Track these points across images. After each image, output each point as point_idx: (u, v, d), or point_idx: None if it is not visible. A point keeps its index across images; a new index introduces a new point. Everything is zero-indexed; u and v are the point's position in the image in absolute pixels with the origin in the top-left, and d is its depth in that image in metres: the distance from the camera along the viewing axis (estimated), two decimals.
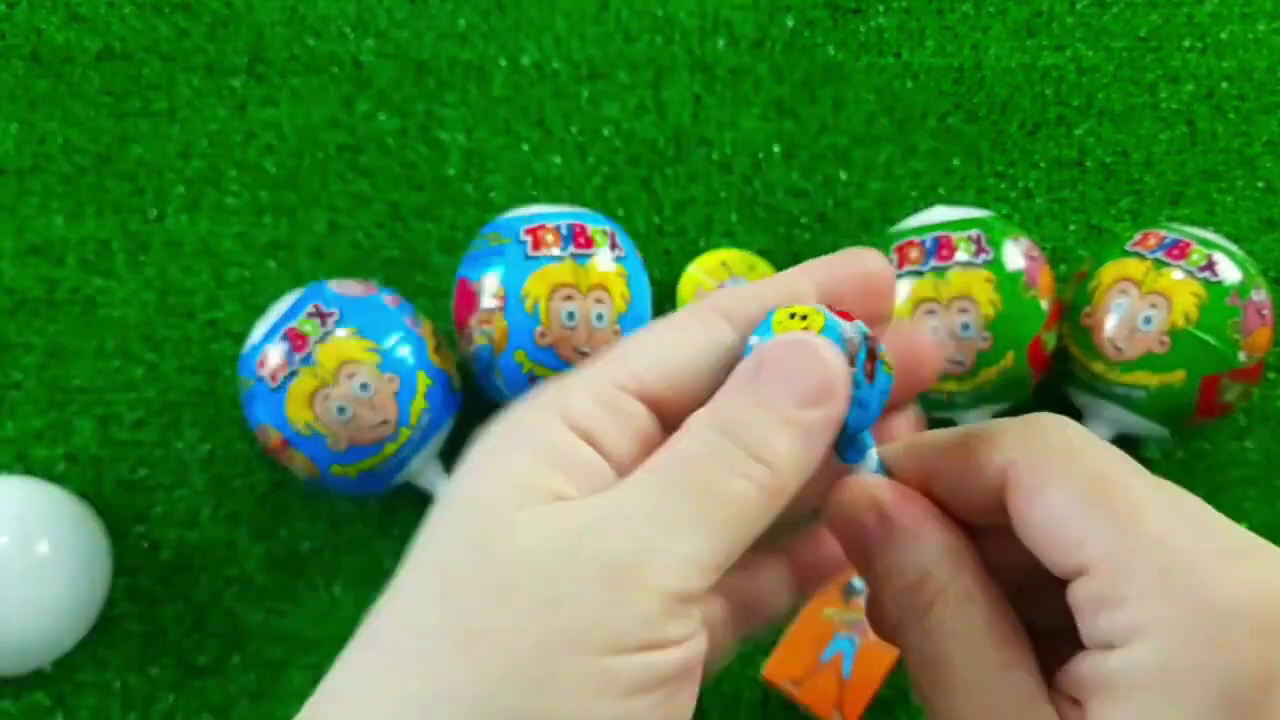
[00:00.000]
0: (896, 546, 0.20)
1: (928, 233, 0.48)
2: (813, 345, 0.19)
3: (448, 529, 0.19)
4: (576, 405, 0.19)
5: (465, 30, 0.60)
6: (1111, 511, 0.18)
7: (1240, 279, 0.46)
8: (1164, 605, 0.17)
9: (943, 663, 0.19)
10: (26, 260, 0.55)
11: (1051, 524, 0.18)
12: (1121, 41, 0.61)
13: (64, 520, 0.48)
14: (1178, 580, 0.17)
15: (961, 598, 0.19)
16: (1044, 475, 0.19)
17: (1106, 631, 0.17)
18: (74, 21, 0.59)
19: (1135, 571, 0.17)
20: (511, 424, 0.20)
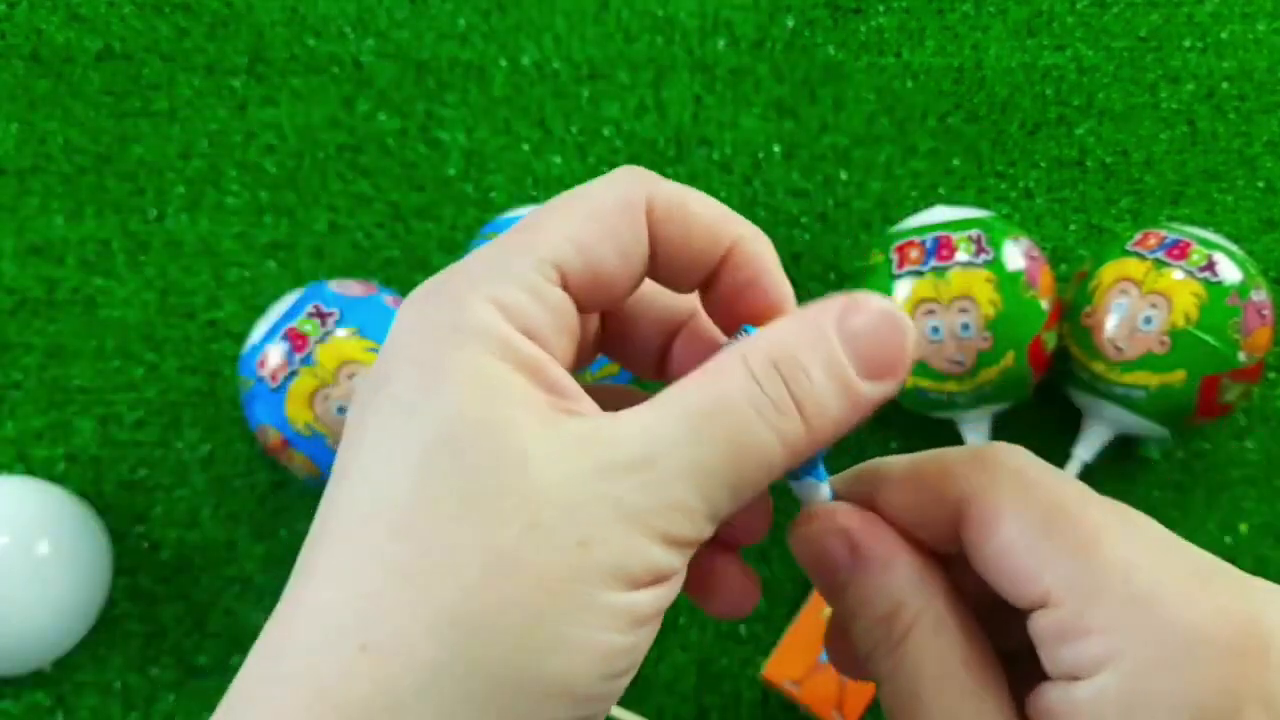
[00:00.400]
0: (868, 576, 0.20)
1: (928, 233, 0.48)
2: (904, 323, 0.19)
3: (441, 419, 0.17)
4: (511, 299, 0.18)
5: (465, 30, 0.60)
6: (1069, 541, 0.18)
7: (1240, 279, 0.46)
8: (1128, 634, 0.17)
9: (916, 694, 0.19)
10: (27, 260, 0.55)
11: (1009, 556, 0.18)
12: (1122, 41, 0.61)
13: (64, 520, 0.48)
14: (1140, 608, 0.17)
15: (935, 627, 0.19)
16: (998, 508, 0.19)
17: (1070, 662, 0.17)
18: (74, 21, 0.59)
19: (1097, 601, 0.17)
20: (447, 314, 0.18)
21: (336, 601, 0.17)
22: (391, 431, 0.18)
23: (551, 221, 0.19)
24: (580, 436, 0.18)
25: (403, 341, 0.19)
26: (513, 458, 0.17)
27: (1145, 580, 0.17)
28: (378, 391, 0.18)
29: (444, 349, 0.18)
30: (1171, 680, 0.16)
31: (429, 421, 0.17)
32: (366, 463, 0.18)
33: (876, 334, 0.18)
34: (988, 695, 0.18)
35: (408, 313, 0.19)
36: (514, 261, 0.19)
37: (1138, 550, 0.18)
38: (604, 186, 0.20)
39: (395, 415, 0.18)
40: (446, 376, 0.18)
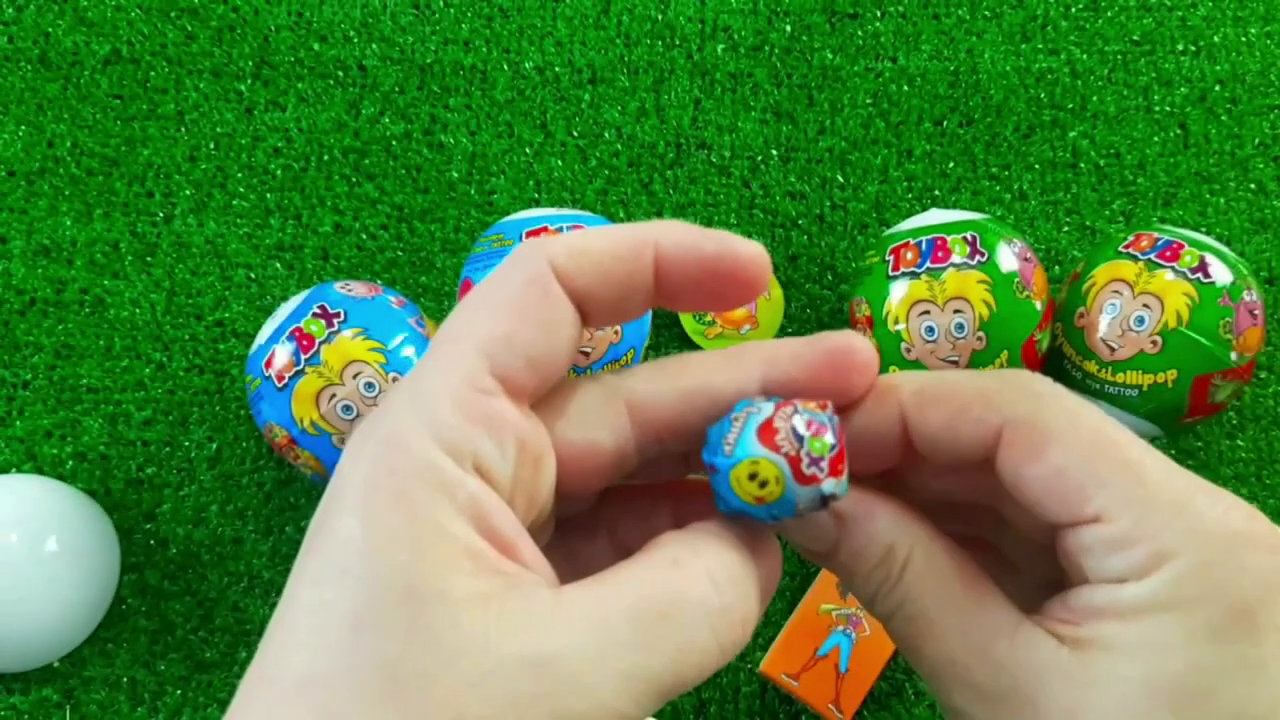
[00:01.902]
0: (855, 532, 0.21)
1: (923, 235, 0.48)
2: None
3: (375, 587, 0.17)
4: (452, 429, 0.18)
5: (469, 35, 0.61)
6: (1117, 462, 0.19)
7: (1232, 280, 0.47)
8: (1179, 540, 0.18)
9: (924, 616, 0.20)
10: (36, 261, 0.56)
11: (1060, 477, 0.19)
12: (1115, 45, 0.61)
13: (73, 518, 0.48)
14: (1188, 518, 0.18)
15: (927, 555, 0.20)
16: (1046, 434, 0.19)
17: (1121, 567, 0.19)
18: (82, 25, 0.60)
19: (1149, 514, 0.18)
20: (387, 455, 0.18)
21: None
22: (324, 595, 0.17)
23: (469, 324, 0.19)
24: (515, 623, 0.17)
25: (344, 484, 0.18)
26: (444, 643, 0.16)
27: (1187, 495, 0.19)
28: (317, 535, 0.18)
29: (381, 498, 0.17)
30: (1220, 574, 0.18)
31: (363, 588, 0.17)
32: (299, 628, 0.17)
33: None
34: (989, 601, 0.20)
35: (349, 453, 0.18)
36: (442, 379, 0.18)
37: (1173, 472, 0.19)
38: (506, 270, 0.19)
39: (331, 573, 0.17)
40: (382, 532, 0.17)
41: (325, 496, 0.18)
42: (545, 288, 0.19)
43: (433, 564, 0.17)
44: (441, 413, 0.18)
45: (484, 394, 0.18)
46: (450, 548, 0.17)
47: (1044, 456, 0.19)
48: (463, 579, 0.17)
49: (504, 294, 0.19)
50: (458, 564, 0.17)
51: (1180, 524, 0.18)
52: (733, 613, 0.18)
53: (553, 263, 0.19)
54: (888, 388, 0.21)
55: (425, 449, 0.17)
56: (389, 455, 0.17)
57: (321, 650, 0.16)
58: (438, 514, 0.17)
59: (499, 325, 0.19)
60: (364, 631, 0.16)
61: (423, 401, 0.18)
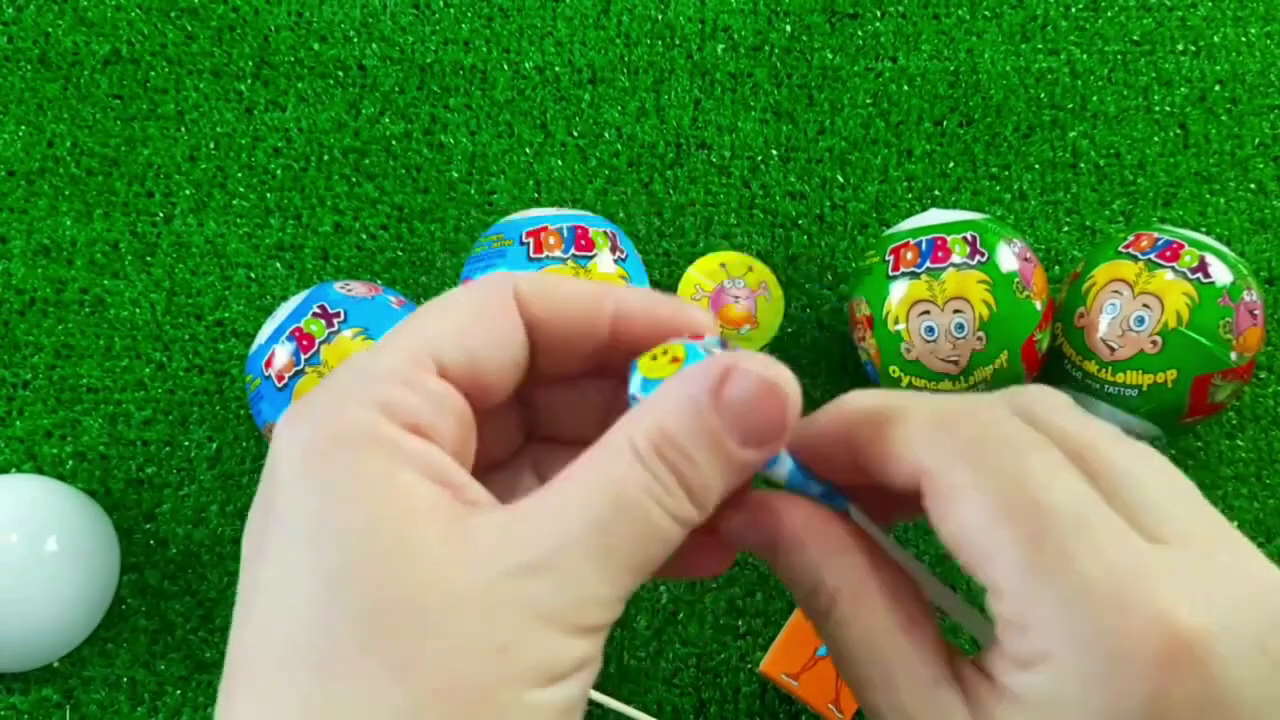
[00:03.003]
0: (786, 560, 0.21)
1: (923, 235, 0.48)
2: (783, 389, 0.19)
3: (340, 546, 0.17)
4: (387, 395, 0.18)
5: (469, 35, 0.61)
6: (1021, 530, 0.18)
7: (1232, 280, 0.47)
8: (1060, 639, 0.17)
9: (850, 657, 0.20)
10: (36, 261, 0.56)
11: (963, 540, 0.18)
12: (1115, 45, 0.61)
13: (73, 518, 0.48)
14: (1074, 613, 0.17)
15: (853, 597, 0.20)
16: (954, 488, 0.19)
17: (1014, 651, 0.18)
18: (82, 25, 0.60)
19: (1036, 600, 0.17)
20: (325, 424, 0.18)
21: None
22: (291, 563, 0.17)
23: (422, 321, 0.20)
24: (484, 537, 0.17)
25: (284, 460, 0.18)
26: (416, 572, 0.17)
27: (1088, 576, 0.17)
28: (268, 517, 0.18)
29: (327, 462, 0.18)
30: (1099, 691, 0.17)
31: (327, 549, 0.17)
32: (272, 600, 0.17)
33: (755, 403, 0.19)
34: (912, 654, 0.19)
35: (284, 431, 0.18)
36: (386, 359, 0.19)
37: (1090, 535, 0.17)
38: (471, 288, 0.20)
39: (291, 545, 0.17)
40: (334, 493, 0.17)
41: (267, 473, 0.18)
42: (503, 303, 0.20)
43: (391, 511, 0.17)
44: (381, 383, 0.18)
45: (422, 370, 0.19)
46: (404, 494, 0.17)
47: (953, 513, 0.19)
48: (422, 519, 0.17)
49: (462, 300, 0.20)
50: (414, 507, 0.17)
51: (1064, 618, 0.17)
52: (675, 489, 0.18)
53: (516, 287, 0.20)
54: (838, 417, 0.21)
55: (365, 413, 0.18)
56: (330, 422, 0.18)
57: (296, 621, 0.17)
58: (386, 467, 0.18)
59: (449, 323, 0.20)
60: (341, 588, 0.17)
61: (362, 374, 0.19)
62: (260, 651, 0.17)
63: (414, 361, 0.19)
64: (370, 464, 0.18)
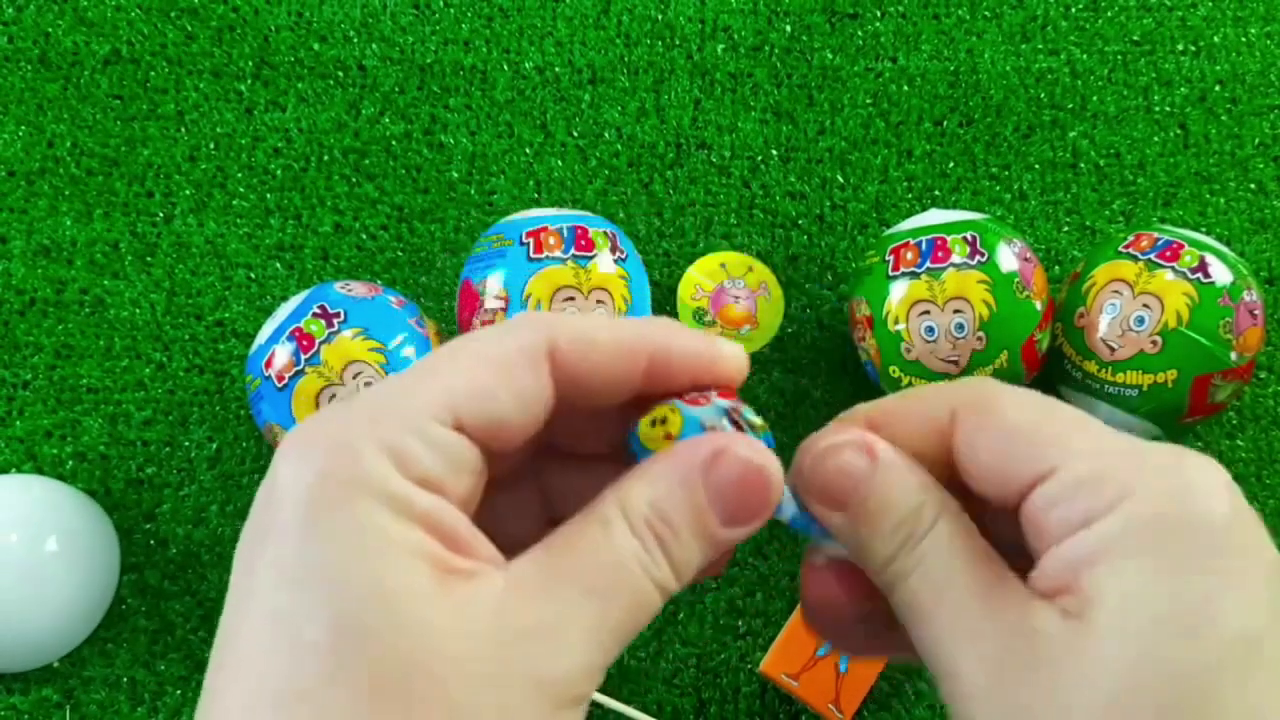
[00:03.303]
0: (890, 478, 0.21)
1: (923, 235, 0.48)
2: (769, 475, 0.20)
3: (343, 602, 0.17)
4: (403, 445, 0.18)
5: (469, 35, 0.61)
6: (1065, 422, 0.20)
7: (1232, 280, 0.47)
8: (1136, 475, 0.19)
9: (943, 579, 0.20)
10: (36, 261, 0.56)
11: (1011, 440, 0.20)
12: (1115, 45, 0.61)
13: (73, 518, 0.48)
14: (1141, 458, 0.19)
15: (957, 518, 0.21)
16: (994, 404, 0.21)
17: (1085, 510, 0.19)
18: (82, 25, 0.60)
19: (1102, 458, 0.19)
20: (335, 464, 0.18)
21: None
22: (289, 609, 0.17)
23: (448, 366, 0.19)
24: (487, 604, 0.18)
25: (289, 495, 0.18)
26: (422, 637, 0.17)
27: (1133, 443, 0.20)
28: (264, 550, 0.18)
29: (335, 511, 0.17)
30: (1182, 502, 0.18)
31: (322, 600, 0.17)
32: (270, 635, 0.17)
33: (741, 486, 0.20)
34: (1004, 573, 0.20)
35: (291, 460, 0.18)
36: (405, 406, 0.18)
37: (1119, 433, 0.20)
38: (503, 333, 0.20)
39: (291, 589, 0.17)
40: (340, 546, 0.17)
41: (267, 496, 0.18)
42: (534, 362, 0.20)
43: (395, 572, 0.17)
44: (397, 430, 0.18)
45: (439, 423, 0.19)
46: (410, 555, 0.17)
47: (995, 422, 0.20)
48: (426, 583, 0.17)
49: (493, 350, 0.20)
50: (415, 566, 0.17)
51: (1133, 462, 0.19)
52: (661, 562, 0.19)
53: (555, 343, 0.20)
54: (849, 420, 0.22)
55: (378, 461, 0.18)
56: (342, 465, 0.18)
57: (299, 667, 0.17)
58: (394, 525, 0.17)
59: (476, 378, 0.19)
60: (342, 645, 0.16)
61: (379, 415, 0.18)
62: (257, 687, 0.17)
63: (432, 412, 0.19)
64: (379, 520, 0.17)
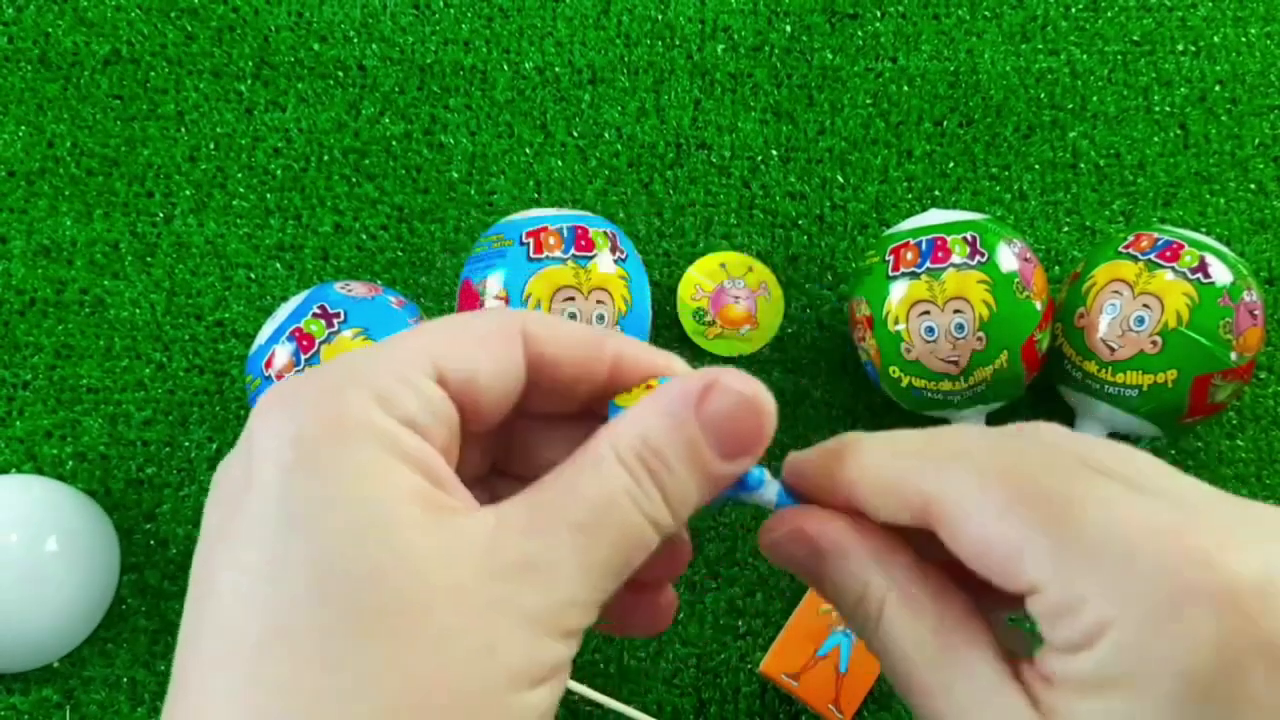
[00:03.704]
0: (831, 568, 0.21)
1: (923, 235, 0.48)
2: (761, 404, 0.19)
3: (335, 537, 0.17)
4: (389, 390, 0.18)
5: (469, 35, 0.61)
6: (1040, 517, 0.18)
7: (1232, 280, 0.47)
8: (1118, 601, 0.17)
9: (903, 663, 0.20)
10: (36, 261, 0.56)
11: (985, 553, 0.18)
12: (1115, 45, 0.61)
13: (73, 518, 0.48)
14: (1127, 574, 0.17)
15: (901, 600, 0.20)
16: (961, 506, 0.19)
17: (1068, 637, 0.17)
18: (82, 25, 0.60)
19: (1081, 574, 0.17)
20: (323, 408, 0.18)
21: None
22: (278, 550, 0.17)
23: (430, 329, 0.20)
24: (473, 537, 0.18)
25: (273, 440, 0.18)
26: (409, 565, 0.17)
27: (1125, 539, 0.17)
28: (245, 495, 0.17)
29: (324, 449, 0.17)
30: (1169, 644, 0.16)
31: (322, 539, 0.17)
32: (252, 584, 0.17)
33: (735, 418, 0.19)
34: (969, 657, 0.19)
35: (273, 410, 0.18)
36: (389, 357, 0.19)
37: (1113, 506, 0.17)
38: (479, 313, 0.21)
39: (280, 530, 0.17)
40: (330, 483, 0.17)
41: (246, 447, 0.18)
42: (509, 333, 0.20)
43: (385, 507, 0.17)
44: (380, 376, 0.18)
45: (422, 373, 0.19)
46: (398, 490, 0.17)
47: (964, 533, 0.19)
48: (416, 517, 0.17)
49: (471, 321, 0.20)
50: (408, 505, 0.17)
51: (1116, 584, 0.17)
52: (654, 495, 0.19)
53: (525, 325, 0.20)
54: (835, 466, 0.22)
55: (364, 403, 0.18)
56: (327, 407, 0.18)
57: (290, 603, 0.16)
58: (382, 461, 0.18)
59: (454, 337, 0.20)
60: (334, 580, 0.16)
61: (360, 366, 0.19)
62: (237, 633, 0.17)
63: (415, 363, 0.19)
64: (367, 456, 0.17)
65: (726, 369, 0.20)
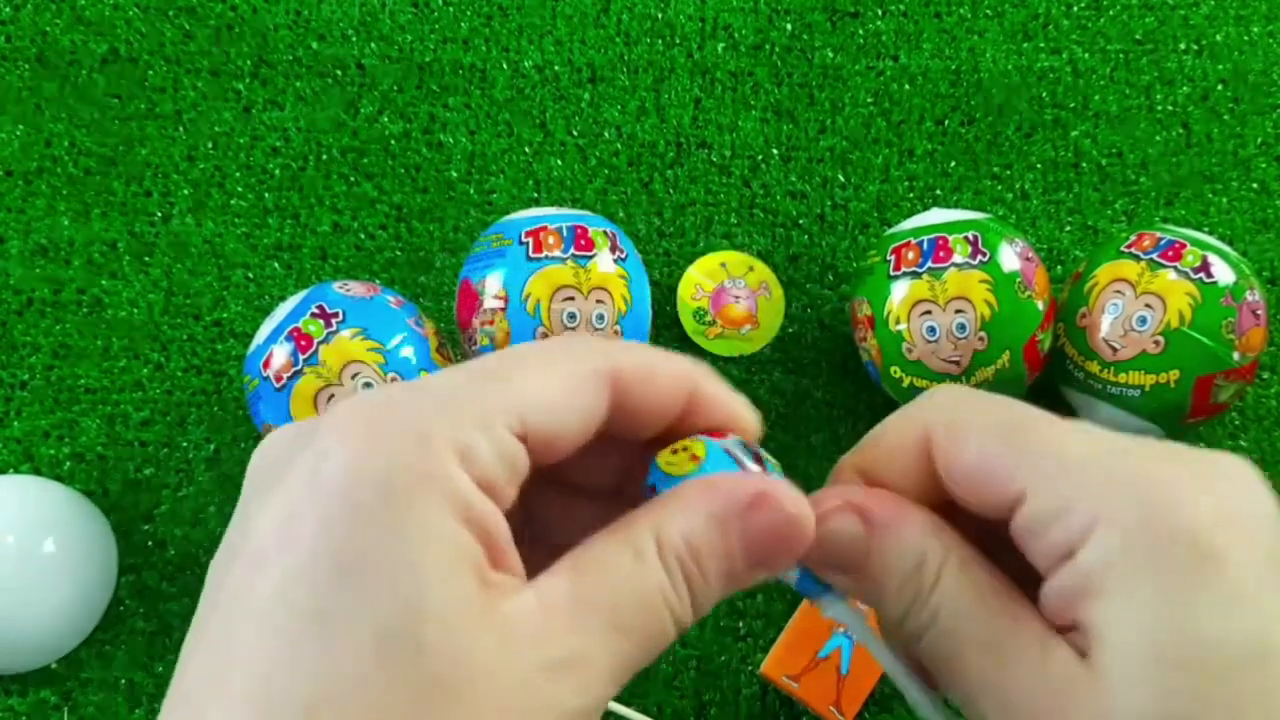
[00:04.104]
0: (887, 539, 0.21)
1: (924, 234, 0.48)
2: (806, 528, 0.20)
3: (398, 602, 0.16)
4: (476, 448, 0.18)
5: (468, 34, 0.61)
6: (1032, 440, 0.20)
7: (1234, 280, 0.47)
8: (1103, 499, 0.18)
9: (958, 634, 0.20)
10: (33, 261, 0.56)
11: (981, 465, 0.20)
12: (1117, 44, 0.61)
13: (70, 519, 0.48)
14: (1107, 480, 0.18)
15: (961, 564, 0.20)
16: (962, 427, 0.20)
17: (1063, 540, 0.18)
18: (79, 24, 0.60)
19: (1069, 480, 0.19)
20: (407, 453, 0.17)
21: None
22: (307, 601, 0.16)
23: (525, 374, 0.19)
24: (522, 628, 0.17)
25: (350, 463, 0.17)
26: (463, 656, 0.16)
27: (1102, 457, 0.19)
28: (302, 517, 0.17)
29: (397, 494, 0.17)
30: (1158, 525, 0.18)
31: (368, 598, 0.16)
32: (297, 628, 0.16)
33: (777, 536, 0.20)
34: (1020, 616, 0.20)
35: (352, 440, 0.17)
36: (478, 404, 0.18)
37: (1093, 436, 0.19)
38: (576, 353, 0.20)
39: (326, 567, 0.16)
40: (393, 532, 0.16)
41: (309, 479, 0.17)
42: (599, 381, 0.20)
43: (442, 578, 0.17)
44: (467, 427, 0.18)
45: (506, 427, 0.18)
46: (456, 559, 0.17)
47: (963, 449, 0.20)
48: (469, 593, 0.17)
49: (565, 367, 0.20)
50: (462, 577, 0.17)
51: (1102, 481, 0.18)
52: (685, 597, 0.19)
53: (619, 370, 0.20)
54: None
55: (448, 459, 0.17)
56: (406, 454, 0.17)
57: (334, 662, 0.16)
58: (450, 527, 0.17)
59: (547, 389, 0.19)
60: (388, 649, 0.16)
61: (450, 410, 0.18)
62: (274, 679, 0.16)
63: (503, 411, 0.18)
64: (442, 520, 0.17)
65: (777, 481, 0.20)
